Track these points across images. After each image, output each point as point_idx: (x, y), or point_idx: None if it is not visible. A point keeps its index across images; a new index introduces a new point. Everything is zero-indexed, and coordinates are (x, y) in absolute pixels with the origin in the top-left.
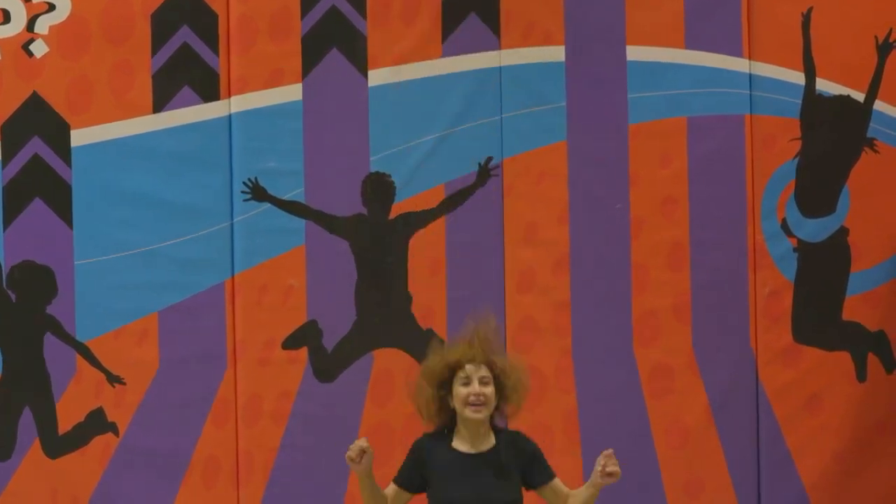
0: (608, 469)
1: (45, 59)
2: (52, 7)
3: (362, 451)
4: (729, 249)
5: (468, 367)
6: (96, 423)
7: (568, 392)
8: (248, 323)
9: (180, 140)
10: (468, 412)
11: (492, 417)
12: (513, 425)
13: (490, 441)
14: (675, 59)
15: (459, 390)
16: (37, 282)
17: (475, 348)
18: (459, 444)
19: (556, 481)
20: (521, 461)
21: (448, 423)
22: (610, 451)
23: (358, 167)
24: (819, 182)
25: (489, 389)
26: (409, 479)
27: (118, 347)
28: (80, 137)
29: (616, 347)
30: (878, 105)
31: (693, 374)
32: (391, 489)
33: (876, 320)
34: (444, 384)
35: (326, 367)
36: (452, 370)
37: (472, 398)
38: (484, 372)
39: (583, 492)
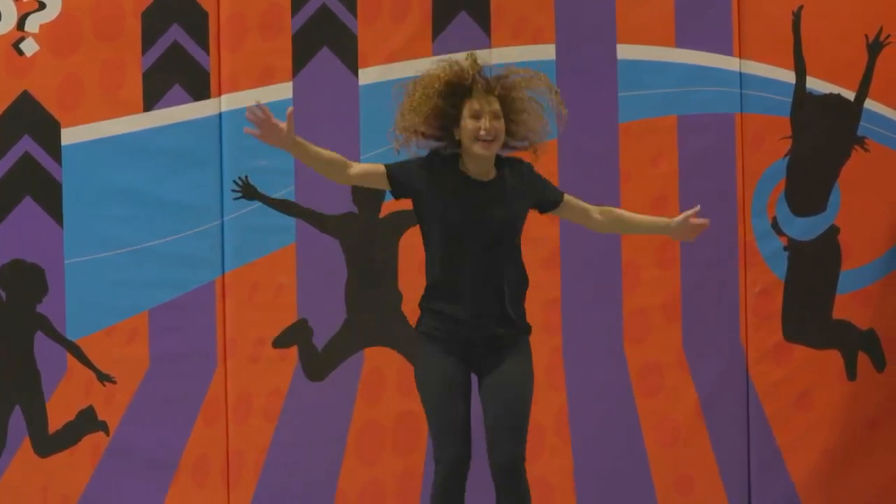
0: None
1: (35, 58)
2: (42, 6)
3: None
4: (719, 248)
5: (479, 99)
6: (86, 421)
7: (558, 390)
8: (239, 321)
9: (171, 138)
10: (477, 147)
11: None
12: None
13: (493, 171)
14: (665, 58)
15: (468, 123)
16: (27, 280)
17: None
18: (466, 171)
19: (570, 197)
20: (528, 187)
21: (444, 144)
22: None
23: None
24: (810, 180)
25: (500, 124)
26: (405, 174)
27: (108, 346)
28: (70, 136)
29: (606, 345)
30: (869, 104)
31: (683, 372)
32: (368, 166)
33: (866, 319)
34: (449, 100)
35: (317, 365)
36: (462, 90)
37: (482, 133)
38: (495, 105)
39: (649, 217)
